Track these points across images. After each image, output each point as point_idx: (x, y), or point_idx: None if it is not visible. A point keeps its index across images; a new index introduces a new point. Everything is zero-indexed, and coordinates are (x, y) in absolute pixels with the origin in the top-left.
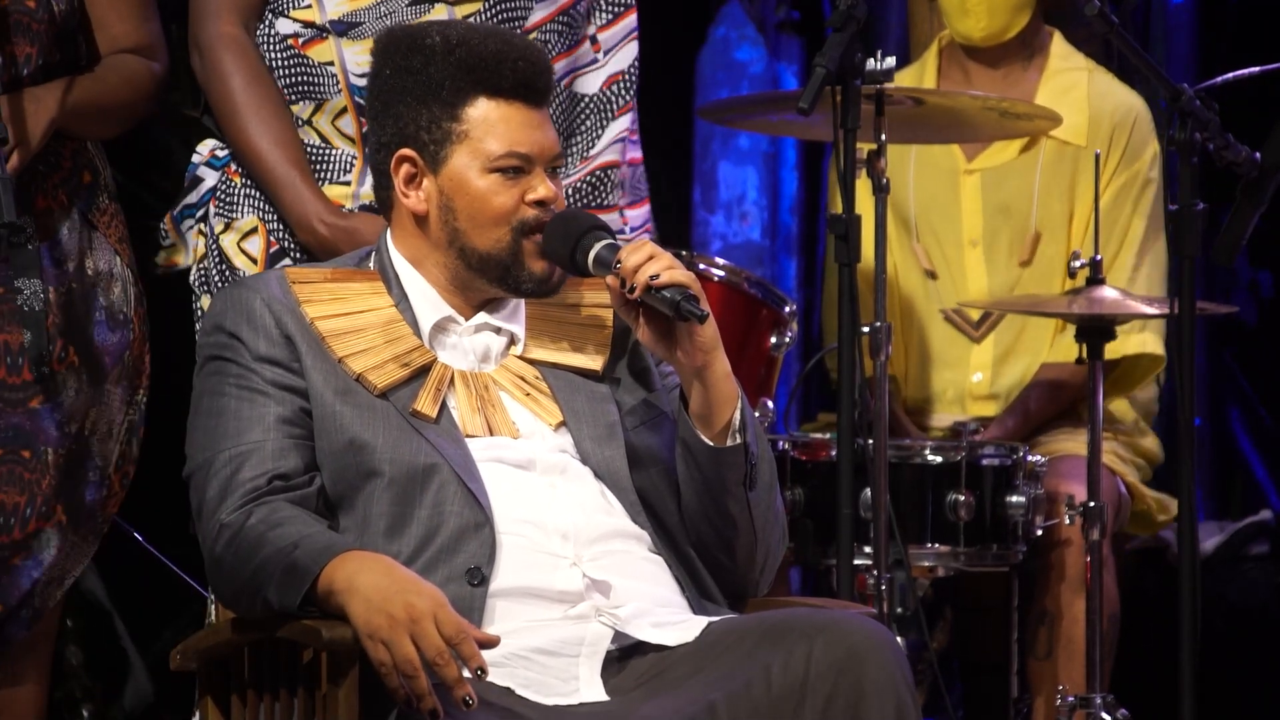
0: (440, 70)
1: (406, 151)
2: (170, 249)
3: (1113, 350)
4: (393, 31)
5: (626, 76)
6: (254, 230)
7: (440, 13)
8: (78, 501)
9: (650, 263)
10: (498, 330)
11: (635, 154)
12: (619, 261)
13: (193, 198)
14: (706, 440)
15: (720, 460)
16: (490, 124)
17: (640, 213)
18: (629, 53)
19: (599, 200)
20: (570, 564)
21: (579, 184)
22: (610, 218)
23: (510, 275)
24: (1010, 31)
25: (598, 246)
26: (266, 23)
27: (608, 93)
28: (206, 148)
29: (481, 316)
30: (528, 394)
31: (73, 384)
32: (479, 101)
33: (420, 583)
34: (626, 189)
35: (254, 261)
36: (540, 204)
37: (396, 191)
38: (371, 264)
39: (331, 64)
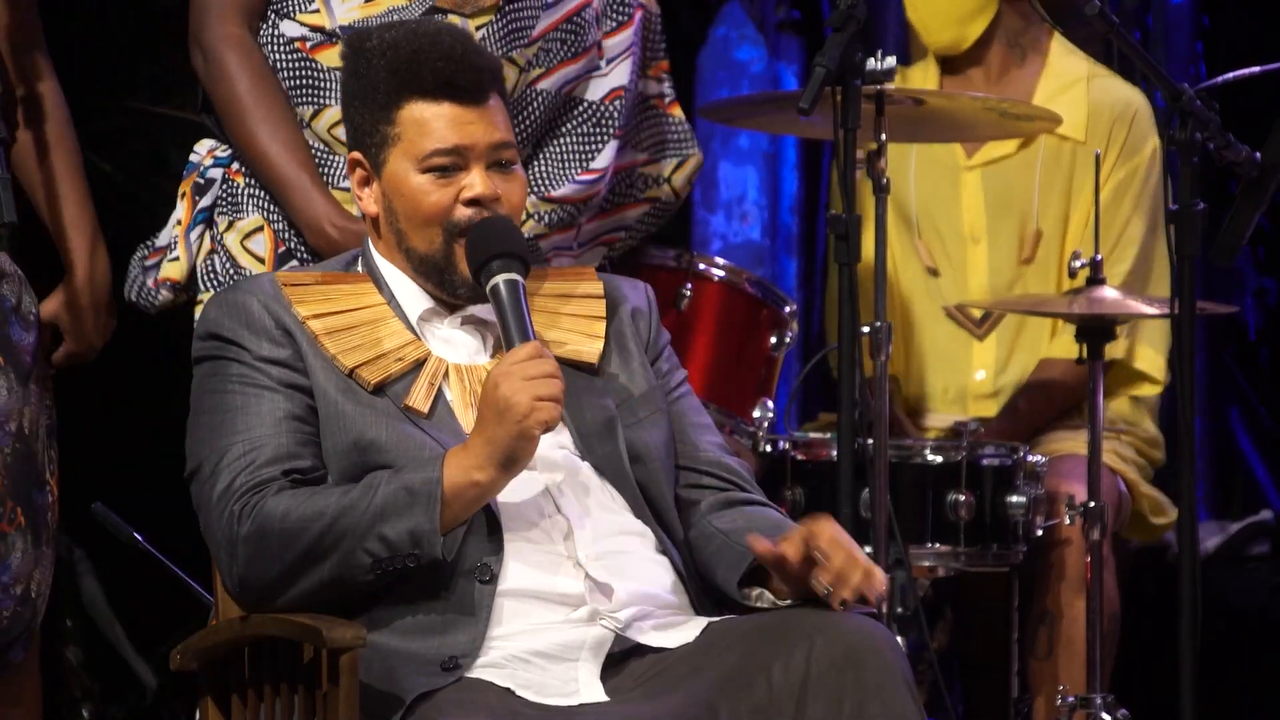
0: (376, 74)
1: (355, 155)
2: (174, 262)
3: (1112, 351)
4: (350, 36)
5: (624, 95)
6: (259, 229)
7: (453, 22)
8: (30, 504)
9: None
10: (485, 322)
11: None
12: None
13: (207, 200)
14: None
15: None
16: (419, 124)
17: (594, 225)
18: (625, 69)
19: (567, 224)
20: (573, 564)
21: (572, 207)
22: (568, 235)
23: (445, 278)
24: (966, 41)
25: (500, 278)
26: (270, 23)
27: (608, 107)
28: (205, 148)
29: (467, 309)
30: None
31: (3, 382)
32: (410, 103)
33: (490, 407)
34: (592, 207)
35: (261, 261)
36: (475, 203)
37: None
38: (359, 267)
39: (340, 69)
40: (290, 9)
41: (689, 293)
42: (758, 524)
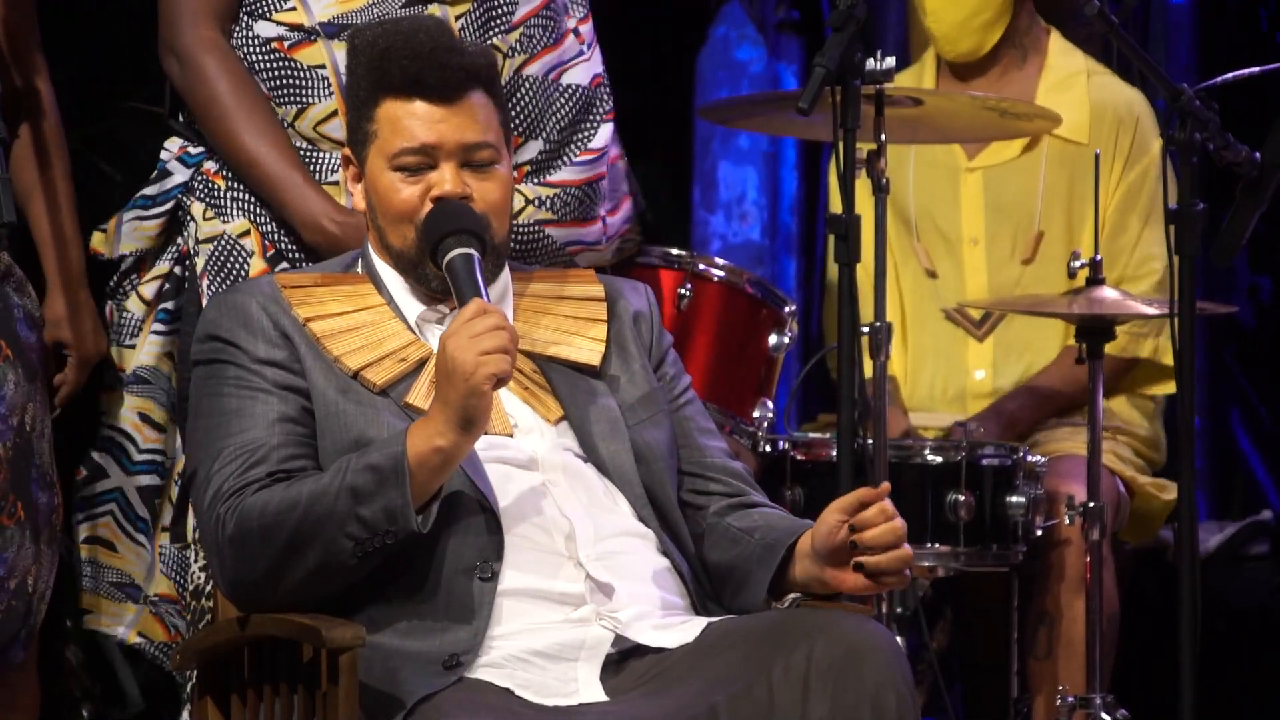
0: (359, 72)
1: (346, 151)
2: (99, 234)
3: (1127, 351)
4: (348, 34)
5: (605, 81)
6: (246, 233)
7: (434, 12)
8: (31, 500)
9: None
10: None
11: (614, 152)
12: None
13: (152, 189)
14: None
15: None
16: (392, 122)
17: (617, 219)
18: (599, 57)
19: (584, 214)
20: (574, 564)
21: (576, 190)
22: (594, 229)
23: (420, 273)
24: (984, 48)
25: (453, 253)
26: (243, 25)
27: (597, 91)
28: (176, 145)
29: None
30: (526, 388)
31: (11, 376)
32: (385, 101)
33: (443, 387)
34: (605, 196)
35: (258, 259)
36: (441, 200)
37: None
38: (359, 268)
39: (322, 67)
40: (265, 9)
41: (689, 293)
42: (775, 524)
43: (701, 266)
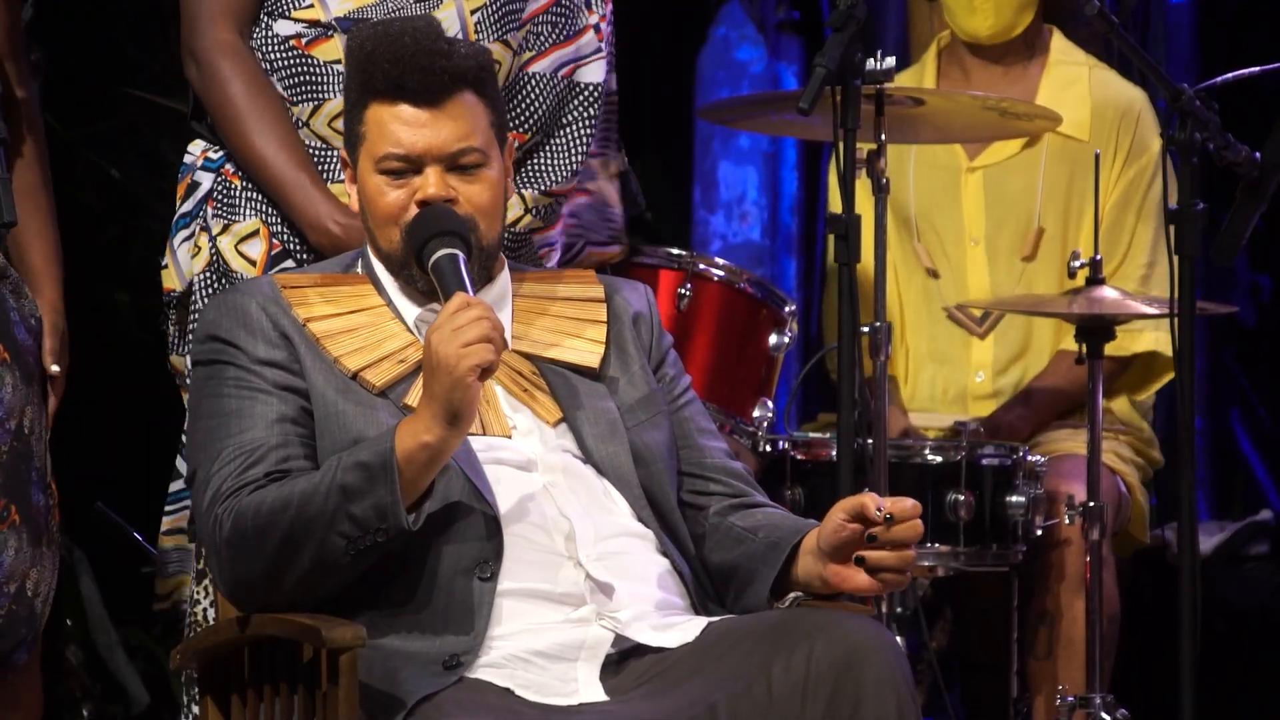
0: (351, 74)
1: (343, 153)
2: (165, 270)
3: (1123, 348)
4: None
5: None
6: (255, 233)
7: (449, 7)
8: (27, 503)
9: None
10: None
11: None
12: (888, 515)
13: (189, 205)
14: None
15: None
16: (379, 125)
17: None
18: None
19: (556, 218)
20: (574, 564)
21: (562, 198)
22: (557, 229)
23: (407, 274)
24: (1016, 29)
25: (438, 254)
26: (263, 25)
27: (610, 97)
28: (198, 149)
29: None
30: (525, 390)
31: (9, 379)
32: (372, 104)
33: (428, 382)
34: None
35: (252, 264)
36: (426, 204)
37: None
38: (359, 268)
39: (338, 62)
40: (284, 8)
41: (688, 293)
42: (779, 523)
43: (701, 266)
